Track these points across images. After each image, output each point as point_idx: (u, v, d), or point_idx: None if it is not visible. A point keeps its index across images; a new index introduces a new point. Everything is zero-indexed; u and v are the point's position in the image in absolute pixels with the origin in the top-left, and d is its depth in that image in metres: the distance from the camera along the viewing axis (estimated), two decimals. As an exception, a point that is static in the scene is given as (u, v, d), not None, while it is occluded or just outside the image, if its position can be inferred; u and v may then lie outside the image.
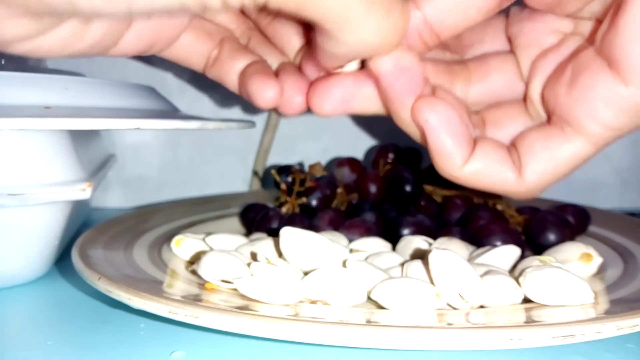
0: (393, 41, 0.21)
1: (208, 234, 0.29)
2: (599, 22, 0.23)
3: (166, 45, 0.25)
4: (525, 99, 0.25)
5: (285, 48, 0.28)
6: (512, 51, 0.26)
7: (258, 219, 0.33)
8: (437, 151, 0.23)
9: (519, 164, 0.24)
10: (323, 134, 0.48)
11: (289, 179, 0.34)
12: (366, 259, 0.26)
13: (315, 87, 0.25)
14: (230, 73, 0.27)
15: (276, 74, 0.26)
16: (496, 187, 0.24)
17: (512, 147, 0.25)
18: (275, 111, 0.45)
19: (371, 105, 0.25)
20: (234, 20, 0.28)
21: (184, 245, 0.28)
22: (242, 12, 0.28)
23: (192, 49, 0.26)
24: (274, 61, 0.28)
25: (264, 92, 0.25)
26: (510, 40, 0.26)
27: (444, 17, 0.22)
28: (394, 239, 0.29)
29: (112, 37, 0.22)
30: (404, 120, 0.24)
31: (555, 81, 0.23)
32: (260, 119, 0.46)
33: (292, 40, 0.27)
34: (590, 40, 0.23)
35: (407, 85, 0.23)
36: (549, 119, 0.24)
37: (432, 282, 0.22)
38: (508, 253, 0.25)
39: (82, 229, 0.32)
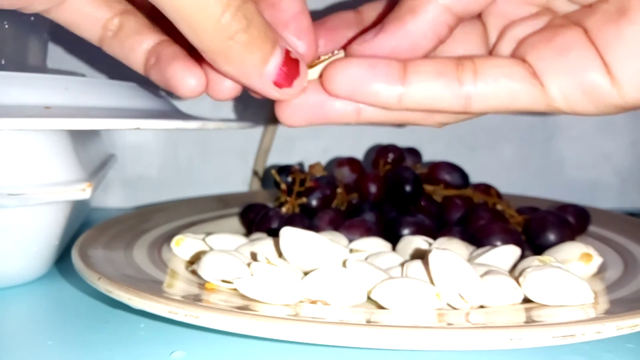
0: (213, 12, 0.20)
1: (208, 234, 0.29)
2: (587, 6, 0.22)
3: (50, 4, 0.23)
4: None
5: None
6: (478, 18, 0.25)
7: (258, 219, 0.33)
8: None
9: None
10: (323, 134, 0.47)
11: (289, 179, 0.34)
12: (366, 259, 0.26)
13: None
14: (135, 50, 0.24)
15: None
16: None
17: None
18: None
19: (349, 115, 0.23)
20: None
21: (184, 245, 0.28)
22: None
23: (84, 14, 0.24)
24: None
25: (187, 80, 0.23)
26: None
27: (464, 2, 0.21)
28: (394, 239, 0.29)
29: None
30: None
31: (539, 44, 0.23)
32: (260, 119, 0.46)
33: None
34: (572, 19, 0.23)
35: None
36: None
37: (432, 282, 0.22)
38: (508, 253, 0.25)
39: (82, 229, 0.32)
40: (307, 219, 0.32)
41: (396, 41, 0.22)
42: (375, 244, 0.28)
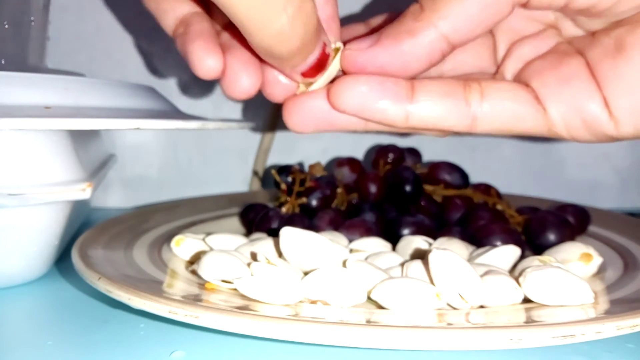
0: (291, 37, 0.20)
1: (208, 234, 0.29)
2: (589, 34, 0.23)
3: None
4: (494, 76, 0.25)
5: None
6: (489, 32, 0.25)
7: (258, 219, 0.33)
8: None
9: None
10: (323, 134, 0.47)
11: (289, 179, 0.34)
12: (366, 259, 0.26)
13: (288, 104, 0.24)
14: (167, 14, 0.24)
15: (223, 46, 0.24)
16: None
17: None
18: (276, 111, 0.45)
19: (357, 123, 0.24)
20: None
21: (184, 245, 0.28)
22: None
23: None
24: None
25: (206, 61, 0.23)
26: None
27: (460, 30, 0.22)
28: (394, 239, 0.29)
29: None
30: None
31: (544, 71, 0.23)
32: (260, 119, 0.46)
33: None
34: (576, 46, 0.23)
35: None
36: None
37: (432, 282, 0.22)
38: (508, 253, 0.25)
39: (82, 229, 0.32)
40: (307, 219, 0.32)
41: (389, 58, 0.22)
42: (375, 244, 0.28)
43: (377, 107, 0.22)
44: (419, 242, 0.27)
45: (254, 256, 0.25)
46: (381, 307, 0.22)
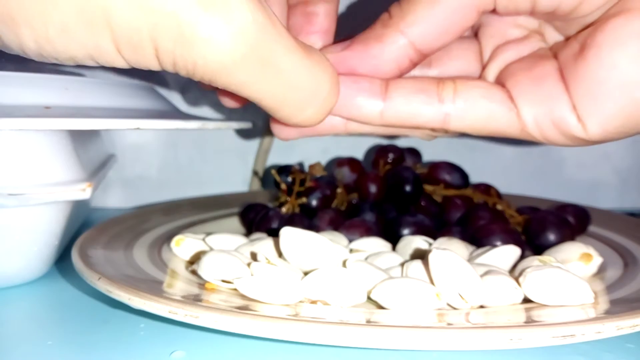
0: (319, 118, 0.22)
1: (208, 234, 0.29)
2: (566, 39, 0.23)
3: None
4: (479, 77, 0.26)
5: None
6: (475, 37, 0.26)
7: (258, 219, 0.33)
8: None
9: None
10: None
11: (289, 179, 0.34)
12: (366, 259, 0.26)
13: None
14: None
15: None
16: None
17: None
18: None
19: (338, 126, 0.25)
20: None
21: (184, 245, 0.28)
22: None
23: None
24: None
25: (227, 103, 0.26)
26: (475, 29, 0.26)
27: (427, 37, 0.22)
28: (394, 239, 0.29)
29: None
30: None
31: (519, 72, 0.23)
32: (260, 119, 0.46)
33: None
34: (554, 50, 0.24)
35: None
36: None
37: (432, 282, 0.22)
38: (508, 253, 0.25)
39: (82, 229, 0.32)
40: (307, 219, 0.32)
41: (358, 61, 0.23)
42: (375, 244, 0.28)
43: (352, 104, 0.23)
44: (419, 242, 0.27)
45: (254, 256, 0.25)
46: (381, 307, 0.22)
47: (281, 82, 0.20)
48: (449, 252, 0.22)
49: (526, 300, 0.22)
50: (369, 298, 0.22)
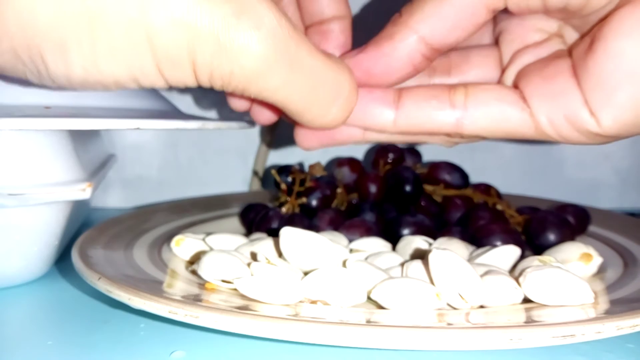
0: (343, 117, 0.23)
1: (208, 234, 0.29)
2: (581, 37, 0.23)
3: None
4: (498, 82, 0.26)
5: None
6: (496, 44, 0.26)
7: (258, 219, 0.33)
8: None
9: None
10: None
11: (289, 179, 0.34)
12: (366, 259, 0.26)
13: (297, 126, 0.26)
14: None
15: None
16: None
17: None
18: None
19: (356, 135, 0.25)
20: None
21: (184, 245, 0.28)
22: None
23: None
24: None
25: (235, 104, 0.27)
26: (496, 35, 0.26)
27: (437, 33, 0.22)
28: (394, 239, 0.29)
29: None
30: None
31: (532, 72, 0.24)
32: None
33: None
34: (570, 49, 0.23)
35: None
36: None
37: (432, 282, 0.22)
38: (508, 253, 0.25)
39: (82, 229, 0.32)
40: (307, 219, 0.32)
41: (373, 61, 0.23)
42: (375, 244, 0.28)
43: (366, 113, 0.24)
44: (419, 242, 0.27)
45: (254, 256, 0.25)
46: (381, 307, 0.22)
47: (309, 82, 0.21)
48: (449, 252, 0.22)
49: (526, 300, 0.22)
50: (369, 298, 0.22)
